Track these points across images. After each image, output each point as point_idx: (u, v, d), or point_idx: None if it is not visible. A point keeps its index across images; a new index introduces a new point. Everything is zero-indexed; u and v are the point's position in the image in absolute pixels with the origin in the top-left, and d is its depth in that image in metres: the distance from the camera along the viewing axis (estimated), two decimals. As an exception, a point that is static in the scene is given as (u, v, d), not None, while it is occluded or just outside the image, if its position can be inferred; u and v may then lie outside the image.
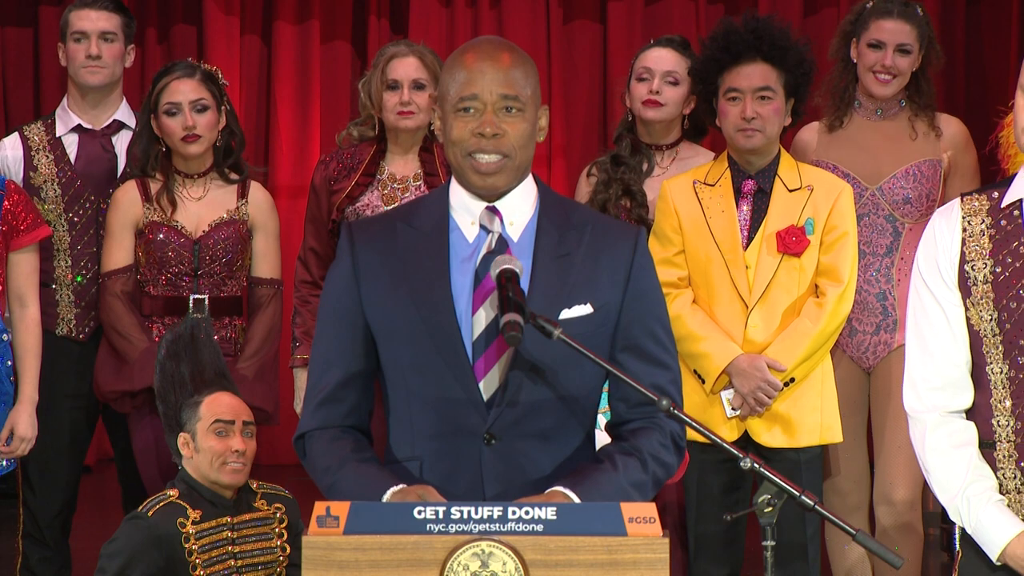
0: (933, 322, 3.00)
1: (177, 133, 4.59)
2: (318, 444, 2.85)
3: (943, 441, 2.98)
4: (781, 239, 4.27)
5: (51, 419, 4.68)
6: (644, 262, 2.87)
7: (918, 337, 3.03)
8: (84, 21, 4.83)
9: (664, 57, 4.64)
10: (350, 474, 2.79)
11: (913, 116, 4.68)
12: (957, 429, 2.99)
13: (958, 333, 2.98)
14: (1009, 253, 2.94)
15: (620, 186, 4.61)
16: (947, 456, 2.97)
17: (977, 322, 2.95)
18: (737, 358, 4.25)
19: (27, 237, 4.45)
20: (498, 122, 2.76)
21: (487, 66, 2.76)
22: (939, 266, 2.99)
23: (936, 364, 3.00)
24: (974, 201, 3.01)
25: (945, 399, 3.00)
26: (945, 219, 3.02)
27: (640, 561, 2.41)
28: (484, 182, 2.80)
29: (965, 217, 2.99)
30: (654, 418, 2.84)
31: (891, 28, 4.60)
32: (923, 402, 3.02)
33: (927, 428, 3.00)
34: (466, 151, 2.78)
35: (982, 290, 2.95)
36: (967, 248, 2.97)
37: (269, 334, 4.69)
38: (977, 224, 2.98)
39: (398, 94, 4.64)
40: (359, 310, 2.84)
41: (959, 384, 3.00)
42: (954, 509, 2.97)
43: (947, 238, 2.99)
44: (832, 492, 4.61)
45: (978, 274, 2.96)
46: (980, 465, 2.96)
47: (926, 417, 3.01)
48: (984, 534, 2.93)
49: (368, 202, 4.65)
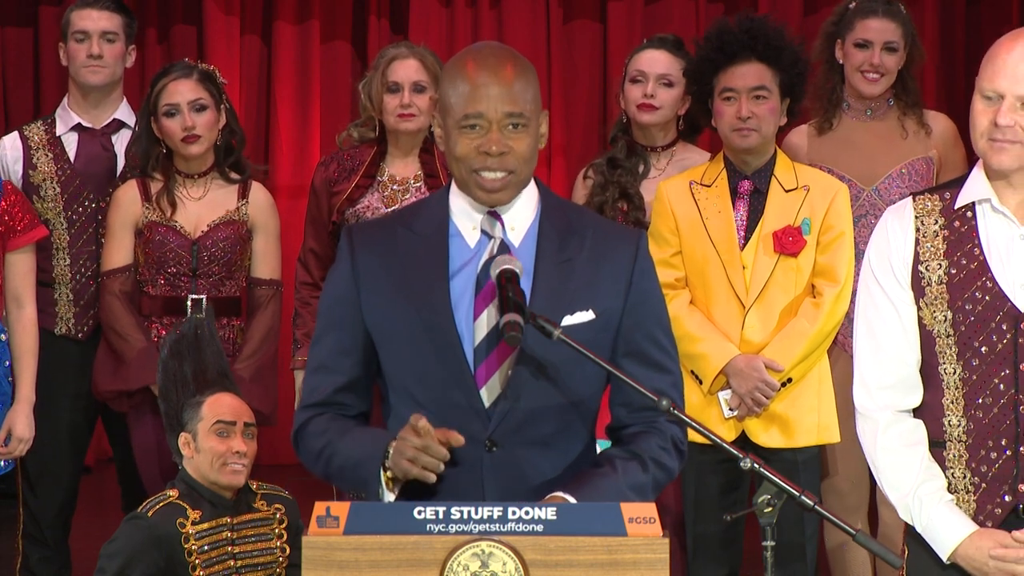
0: (885, 320, 3.00)
1: (177, 134, 4.59)
2: (312, 428, 2.85)
3: (894, 440, 2.99)
4: (778, 239, 4.28)
5: (51, 419, 4.68)
6: (646, 267, 2.87)
7: (869, 335, 3.03)
8: (86, 21, 4.83)
9: (657, 59, 4.63)
10: (346, 440, 2.79)
11: (902, 115, 4.69)
12: (908, 428, 3.00)
13: (910, 332, 2.99)
14: (963, 255, 2.95)
15: (617, 189, 4.61)
16: (898, 455, 2.99)
17: (930, 322, 2.96)
18: (734, 359, 4.25)
19: (24, 238, 4.45)
20: (503, 140, 2.75)
21: (491, 81, 2.74)
22: (892, 265, 3.00)
23: (888, 362, 3.01)
24: (926, 201, 3.01)
25: (896, 398, 3.01)
26: (898, 218, 3.02)
27: (640, 561, 2.41)
28: (489, 198, 2.80)
29: (918, 217, 3.00)
30: (655, 422, 2.84)
31: (877, 27, 4.61)
32: (874, 400, 3.03)
33: (878, 427, 3.02)
34: (471, 168, 2.77)
35: (936, 291, 2.95)
36: (920, 248, 2.98)
37: (267, 335, 4.68)
38: (930, 224, 2.98)
39: (399, 96, 4.64)
40: (358, 314, 2.84)
41: (910, 382, 3.01)
42: (905, 508, 2.98)
43: (900, 237, 2.99)
44: (830, 492, 4.61)
45: (932, 275, 2.96)
46: (931, 465, 2.97)
47: (877, 416, 3.02)
48: (935, 533, 2.94)
49: (368, 204, 4.65)
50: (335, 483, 2.88)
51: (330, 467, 2.81)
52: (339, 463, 2.80)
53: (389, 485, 2.72)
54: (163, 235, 4.60)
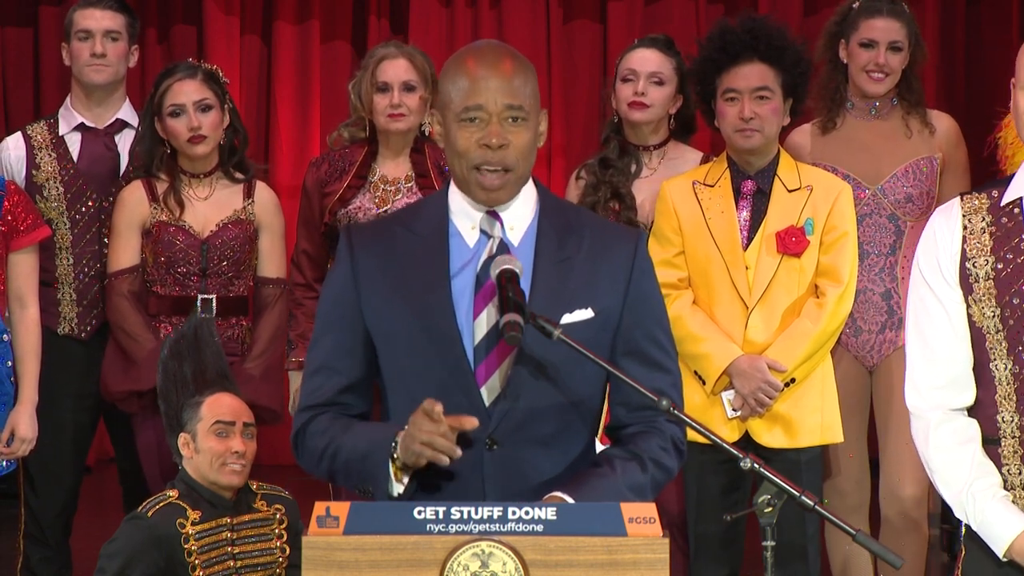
0: (934, 320, 3.00)
1: (183, 135, 4.59)
2: (314, 427, 2.84)
3: (947, 438, 2.98)
4: (781, 239, 4.28)
5: (53, 418, 4.68)
6: (644, 266, 2.87)
7: (919, 336, 3.03)
8: (89, 20, 4.84)
9: (648, 58, 4.63)
10: (350, 435, 2.78)
11: (906, 114, 4.69)
12: (960, 426, 2.99)
13: (960, 330, 2.98)
14: (1010, 250, 2.95)
15: (608, 189, 4.61)
16: (951, 453, 2.97)
17: (979, 319, 2.96)
18: (737, 359, 4.26)
19: (27, 238, 4.45)
20: (503, 133, 2.75)
21: (490, 74, 2.75)
22: (940, 264, 2.99)
23: (938, 362, 3.00)
24: (974, 200, 3.02)
25: (948, 397, 3.00)
26: (945, 217, 3.02)
27: (640, 561, 2.41)
28: (488, 196, 2.80)
29: (965, 215, 3.00)
30: (654, 422, 2.84)
31: (882, 26, 4.61)
32: (926, 400, 3.01)
33: (930, 426, 3.00)
34: (472, 164, 2.77)
35: (984, 287, 2.95)
36: (968, 245, 2.98)
37: (276, 333, 4.69)
38: (977, 222, 2.99)
39: (388, 96, 4.63)
40: (358, 315, 2.84)
41: (961, 382, 3.00)
42: (959, 506, 2.96)
43: (947, 236, 3.00)
44: (832, 492, 4.61)
45: (979, 271, 2.96)
46: (984, 461, 2.96)
47: (929, 415, 3.00)
48: (990, 530, 2.93)
49: (360, 205, 4.65)
50: (340, 480, 2.85)
51: (335, 463, 2.80)
52: (344, 457, 2.78)
53: (398, 476, 2.71)
54: (172, 235, 4.60)
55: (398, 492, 2.71)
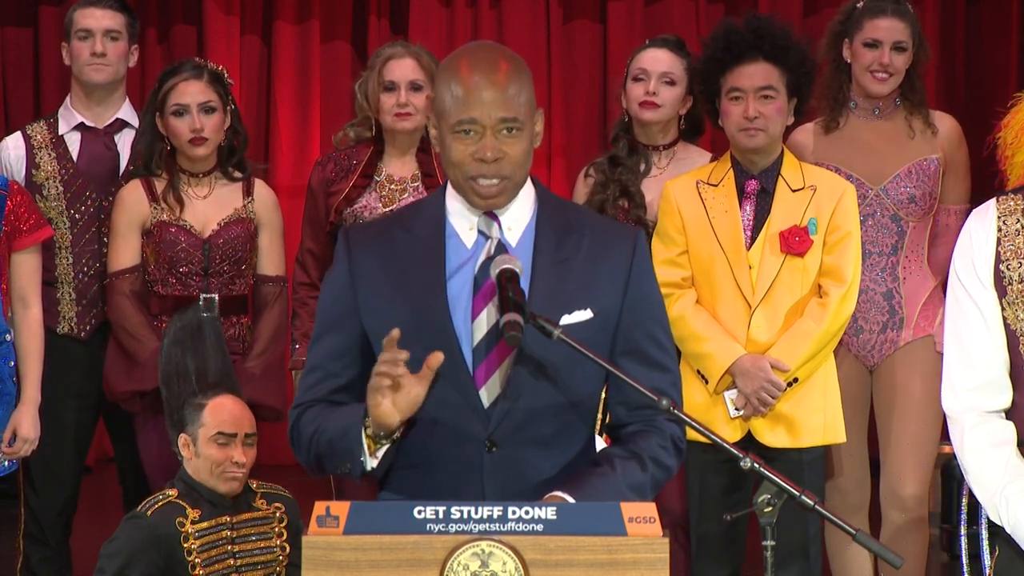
0: (970, 322, 2.97)
1: (184, 135, 4.59)
2: (305, 418, 2.84)
3: (981, 440, 2.96)
4: (784, 239, 4.28)
5: (53, 418, 4.67)
6: (643, 265, 2.87)
7: (955, 338, 3.00)
8: (89, 19, 4.84)
9: (660, 58, 4.63)
10: (334, 416, 2.78)
11: (909, 115, 4.68)
12: (995, 428, 2.97)
13: (995, 333, 2.96)
14: None
15: (618, 187, 4.61)
16: (985, 455, 2.95)
17: (1013, 322, 2.93)
18: (740, 358, 4.25)
19: (30, 238, 4.45)
20: (498, 145, 2.74)
21: (484, 85, 2.73)
22: (975, 266, 2.97)
23: (974, 364, 2.97)
24: (1009, 201, 2.99)
25: (983, 399, 2.98)
26: (980, 219, 3.00)
27: (640, 561, 2.41)
28: (485, 203, 2.79)
29: (1000, 217, 2.97)
30: (654, 421, 2.84)
31: (886, 26, 4.60)
32: (961, 403, 2.99)
33: (965, 428, 2.97)
34: (467, 175, 2.77)
35: (1018, 289, 2.93)
36: (1002, 248, 2.95)
37: (276, 332, 4.69)
38: (1012, 224, 2.96)
39: (395, 95, 4.64)
40: (355, 315, 2.84)
41: (997, 384, 2.98)
42: (993, 508, 2.94)
43: (982, 238, 2.97)
44: (834, 492, 4.61)
45: (1013, 273, 2.94)
46: (1019, 464, 2.93)
47: (964, 417, 2.98)
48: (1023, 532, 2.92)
49: (366, 204, 4.65)
50: (327, 465, 2.81)
51: (320, 447, 2.79)
52: (327, 438, 2.77)
53: (371, 448, 2.71)
54: (174, 235, 4.59)
55: (372, 466, 2.71)
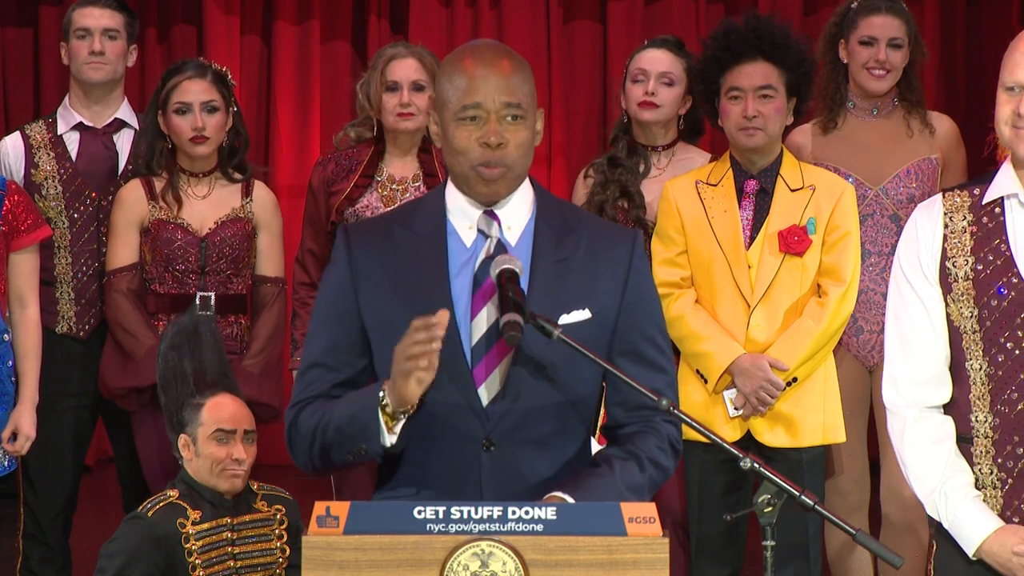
0: (913, 317, 3.02)
1: (186, 133, 4.59)
2: (305, 414, 2.83)
3: (922, 436, 3.01)
4: (783, 239, 4.28)
5: (52, 418, 4.68)
6: (641, 266, 2.88)
7: (898, 332, 3.05)
8: (88, 19, 4.85)
9: (659, 58, 4.64)
10: (340, 405, 2.77)
11: (907, 114, 4.69)
12: (935, 424, 3.01)
13: (938, 328, 3.00)
14: (990, 251, 2.96)
15: (617, 187, 4.61)
16: (925, 451, 3.00)
17: (957, 318, 2.97)
18: (739, 358, 4.26)
19: (28, 237, 4.46)
20: (502, 131, 2.75)
21: (488, 72, 2.75)
22: (920, 261, 3.01)
23: (916, 359, 3.02)
24: (955, 197, 3.03)
25: (925, 394, 3.02)
26: (927, 214, 3.04)
27: (640, 561, 2.41)
28: (487, 190, 2.79)
29: (947, 213, 3.01)
30: (651, 421, 2.84)
31: (881, 23, 4.61)
32: (903, 397, 3.04)
33: (906, 423, 3.03)
34: (472, 163, 2.77)
35: (963, 287, 2.96)
36: (948, 244, 2.99)
37: (274, 331, 4.69)
38: (959, 220, 3.00)
39: (398, 95, 4.65)
40: (355, 313, 2.83)
41: (938, 379, 3.02)
42: (931, 504, 2.99)
43: (928, 234, 3.01)
44: (833, 492, 4.61)
45: (959, 270, 2.97)
46: (957, 460, 2.99)
47: (905, 412, 3.04)
48: (961, 530, 2.95)
49: (367, 203, 4.66)
50: (334, 455, 2.79)
51: (327, 436, 2.77)
52: (335, 425, 2.75)
53: (389, 425, 2.70)
54: (171, 233, 4.60)
55: (391, 443, 2.70)
